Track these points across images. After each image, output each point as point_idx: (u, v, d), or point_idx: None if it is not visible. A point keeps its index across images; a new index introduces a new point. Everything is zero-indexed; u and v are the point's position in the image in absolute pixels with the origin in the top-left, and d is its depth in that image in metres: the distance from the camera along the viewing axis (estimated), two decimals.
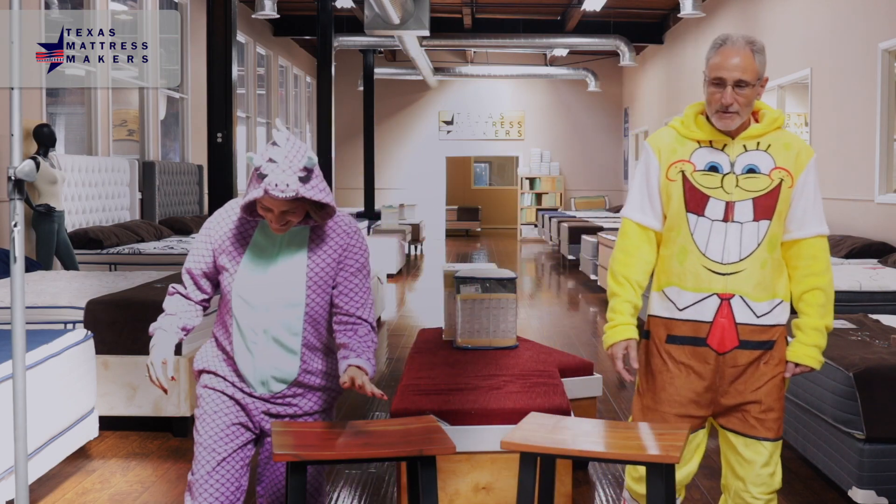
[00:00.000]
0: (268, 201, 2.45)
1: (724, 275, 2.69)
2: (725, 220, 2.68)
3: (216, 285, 2.68)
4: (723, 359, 2.72)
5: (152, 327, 2.68)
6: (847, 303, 5.47)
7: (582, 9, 13.57)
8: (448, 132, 20.83)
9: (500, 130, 20.95)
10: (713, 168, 2.71)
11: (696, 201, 2.70)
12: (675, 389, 2.76)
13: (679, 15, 11.99)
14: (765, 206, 2.69)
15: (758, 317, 2.71)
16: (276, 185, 2.39)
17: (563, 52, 18.46)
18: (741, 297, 2.69)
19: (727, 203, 2.68)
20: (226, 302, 2.62)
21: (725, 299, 2.70)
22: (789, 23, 10.27)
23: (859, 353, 3.77)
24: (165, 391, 2.56)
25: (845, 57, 8.74)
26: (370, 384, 2.45)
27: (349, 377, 2.45)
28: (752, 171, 2.70)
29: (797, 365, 2.77)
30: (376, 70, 18.20)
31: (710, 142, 2.73)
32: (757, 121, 2.77)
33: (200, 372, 2.72)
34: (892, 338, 4.03)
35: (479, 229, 22.47)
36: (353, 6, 13.77)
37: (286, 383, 2.60)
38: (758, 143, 2.73)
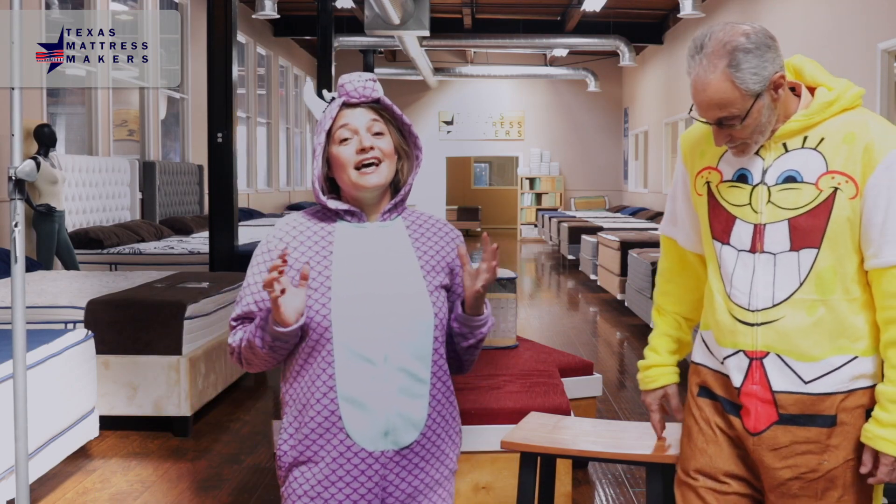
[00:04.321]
0: (347, 114, 1.90)
1: (752, 325, 1.93)
2: (753, 249, 1.93)
3: None
4: (758, 439, 1.95)
5: (235, 339, 1.93)
6: None
7: (582, 9, 13.58)
8: (448, 132, 20.83)
9: (499, 130, 20.95)
10: (742, 178, 1.97)
11: (721, 224, 1.99)
12: (707, 459, 2.02)
13: (679, 15, 11.99)
14: (807, 229, 1.89)
15: (805, 382, 1.91)
16: (352, 81, 1.90)
17: (562, 53, 18.48)
18: (778, 355, 1.91)
19: (755, 227, 1.94)
20: (314, 335, 1.87)
21: (756, 359, 1.93)
22: (788, 23, 10.28)
23: None
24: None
25: (845, 57, 8.75)
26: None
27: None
28: (790, 179, 1.91)
29: (882, 456, 1.87)
30: (376, 70, 18.21)
31: None
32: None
33: (290, 468, 1.93)
34: None
35: (479, 229, 22.47)
36: (354, 6, 13.78)
37: (418, 430, 1.90)
38: (804, 139, 1.93)
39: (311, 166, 1.91)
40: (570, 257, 13.63)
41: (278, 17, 12.78)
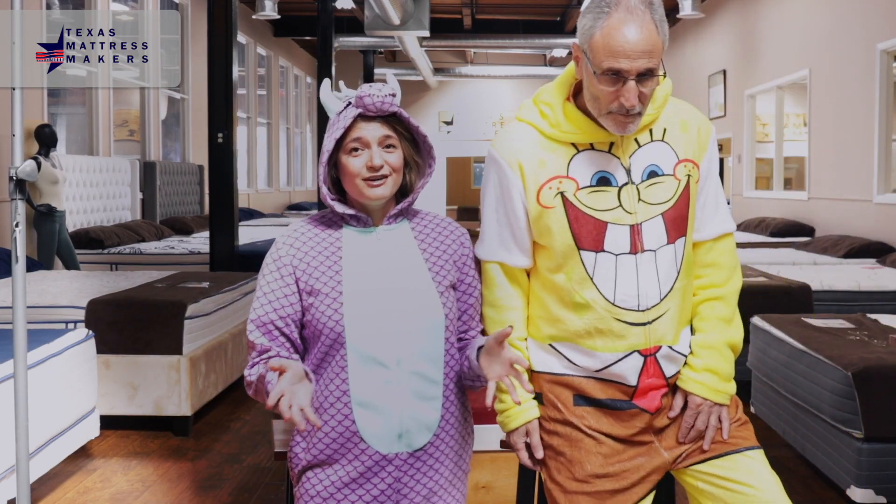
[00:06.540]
0: (361, 127, 1.88)
1: (644, 324, 1.91)
2: (634, 251, 1.90)
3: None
4: (656, 415, 1.98)
5: (251, 373, 1.88)
6: (845, 302, 5.49)
7: (581, 9, 13.58)
8: (448, 132, 20.85)
9: (499, 131, 20.96)
10: (603, 181, 1.91)
11: (589, 233, 1.90)
12: (601, 462, 1.97)
13: (678, 16, 11.99)
14: (677, 220, 1.93)
15: (685, 360, 2.00)
16: (371, 96, 1.86)
17: (562, 53, 18.48)
18: (668, 346, 1.95)
19: (632, 227, 1.90)
20: (327, 340, 1.87)
21: (649, 355, 1.93)
22: (788, 23, 10.28)
23: (858, 353, 3.78)
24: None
25: (844, 57, 8.75)
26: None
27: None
28: (653, 174, 1.92)
29: (691, 397, 1.97)
30: (376, 70, 18.22)
31: (592, 144, 1.93)
32: None
33: (303, 470, 1.94)
34: (891, 337, 4.04)
35: (478, 229, 22.45)
36: (354, 7, 13.79)
37: (431, 431, 1.91)
38: (651, 132, 1.95)
39: (318, 168, 1.93)
40: None
41: (278, 17, 12.79)
